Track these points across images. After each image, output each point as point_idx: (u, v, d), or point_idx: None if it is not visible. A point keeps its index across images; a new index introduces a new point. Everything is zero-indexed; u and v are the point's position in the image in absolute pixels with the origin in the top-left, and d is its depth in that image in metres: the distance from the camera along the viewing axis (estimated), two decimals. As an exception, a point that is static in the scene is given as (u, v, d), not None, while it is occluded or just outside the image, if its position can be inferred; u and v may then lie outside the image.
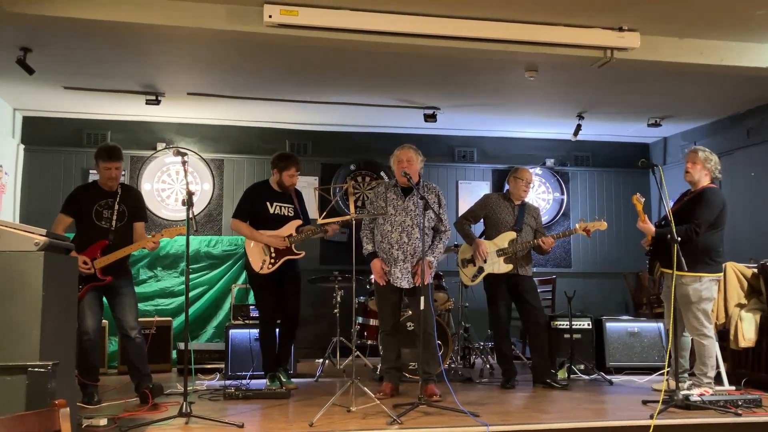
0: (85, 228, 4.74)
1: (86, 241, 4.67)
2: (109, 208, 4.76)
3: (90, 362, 4.68)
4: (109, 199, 4.78)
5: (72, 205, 4.79)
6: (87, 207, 4.74)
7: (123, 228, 4.79)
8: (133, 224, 4.85)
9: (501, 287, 5.47)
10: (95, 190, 4.84)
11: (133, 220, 4.85)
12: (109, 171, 4.72)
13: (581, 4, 4.69)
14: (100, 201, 4.76)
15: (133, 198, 4.93)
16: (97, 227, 4.71)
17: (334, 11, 4.67)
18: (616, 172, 8.65)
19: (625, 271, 8.03)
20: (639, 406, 4.61)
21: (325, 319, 7.26)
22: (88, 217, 4.72)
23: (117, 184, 4.82)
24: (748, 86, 6.27)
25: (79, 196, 4.83)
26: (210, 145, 7.82)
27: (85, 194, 4.83)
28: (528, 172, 5.65)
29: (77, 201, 4.79)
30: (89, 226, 4.72)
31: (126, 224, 4.81)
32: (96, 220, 4.72)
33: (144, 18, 4.60)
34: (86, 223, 4.73)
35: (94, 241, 4.67)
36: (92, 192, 4.83)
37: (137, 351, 4.74)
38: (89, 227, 4.72)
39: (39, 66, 5.47)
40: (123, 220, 4.80)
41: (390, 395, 4.85)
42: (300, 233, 5.22)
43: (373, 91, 6.64)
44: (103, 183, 4.79)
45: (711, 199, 4.82)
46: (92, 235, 4.69)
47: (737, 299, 5.42)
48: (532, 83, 6.01)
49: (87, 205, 4.74)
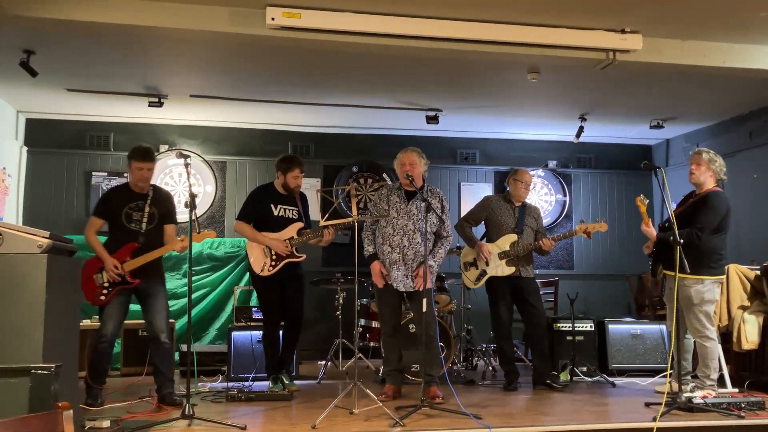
0: (116, 230, 4.72)
1: (116, 243, 4.66)
2: (140, 211, 4.72)
3: (101, 365, 4.68)
4: (140, 201, 4.74)
5: (103, 207, 4.77)
6: (117, 209, 4.70)
7: (153, 230, 4.75)
8: (164, 227, 4.82)
9: (503, 289, 5.47)
10: (126, 191, 4.79)
11: (163, 223, 4.82)
12: (141, 171, 4.69)
13: (583, 7, 4.69)
14: (131, 203, 4.72)
15: (163, 200, 4.88)
16: (127, 230, 4.67)
17: (336, 14, 4.68)
18: (618, 174, 8.64)
19: (627, 273, 8.02)
20: (642, 408, 4.60)
21: (327, 321, 7.27)
22: (118, 219, 4.69)
23: (148, 186, 4.79)
24: (750, 88, 6.26)
25: (110, 198, 4.81)
26: (213, 147, 7.83)
27: (116, 196, 4.79)
28: (528, 174, 5.65)
29: (108, 203, 4.77)
30: (119, 228, 4.69)
31: (156, 226, 4.77)
32: (126, 222, 4.69)
33: (147, 20, 4.61)
34: (116, 225, 4.71)
35: (123, 243, 4.64)
36: (123, 194, 4.79)
37: (165, 355, 4.71)
38: (119, 230, 4.69)
39: (42, 68, 5.49)
40: (153, 222, 4.76)
41: (392, 397, 4.84)
42: (301, 236, 5.22)
43: (376, 93, 6.65)
44: (134, 184, 4.75)
45: (715, 204, 4.81)
46: (122, 237, 4.66)
47: (740, 301, 5.41)
48: (535, 85, 6.01)
49: (117, 207, 4.71)
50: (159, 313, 4.71)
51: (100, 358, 4.65)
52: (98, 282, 4.63)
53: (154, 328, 4.70)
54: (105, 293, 4.62)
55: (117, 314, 4.65)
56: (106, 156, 7.55)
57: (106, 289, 4.62)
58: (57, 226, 6.79)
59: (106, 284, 4.62)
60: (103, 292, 4.62)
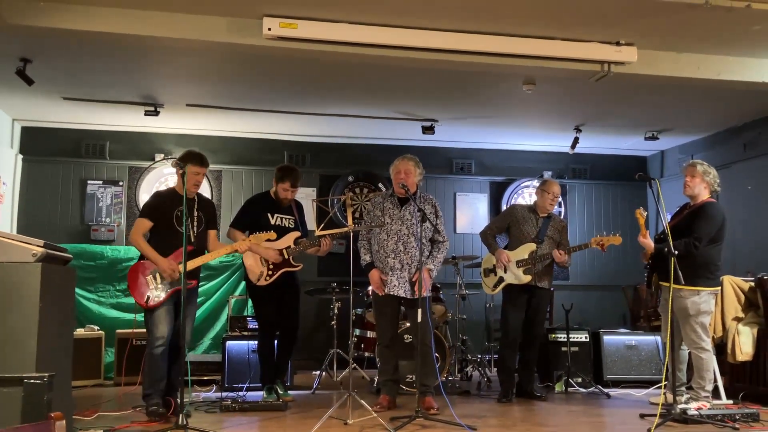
0: (166, 233, 4.68)
1: (167, 246, 4.64)
2: (190, 214, 4.72)
3: (162, 370, 4.59)
4: (189, 205, 4.70)
5: (154, 210, 4.76)
6: (168, 212, 4.70)
7: (202, 234, 4.79)
8: (208, 232, 4.87)
9: (518, 298, 5.48)
10: (175, 195, 4.77)
11: (208, 228, 4.86)
12: (197, 176, 4.73)
13: (579, 19, 4.72)
14: (180, 206, 4.67)
15: (208, 206, 4.97)
16: (179, 233, 4.61)
17: (333, 24, 4.70)
18: (613, 185, 8.67)
19: (623, 283, 8.03)
20: (637, 419, 4.60)
21: (322, 330, 7.25)
22: (169, 222, 4.68)
23: (197, 191, 4.85)
24: (744, 100, 6.30)
25: (160, 201, 4.80)
26: (209, 156, 7.72)
27: (166, 199, 4.78)
28: (556, 185, 5.61)
29: (159, 206, 4.76)
30: (170, 231, 4.66)
31: (204, 231, 4.81)
32: (177, 225, 4.67)
33: (144, 30, 4.62)
34: (167, 228, 4.68)
35: (175, 246, 4.60)
36: (172, 197, 4.78)
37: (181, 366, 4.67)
38: (170, 232, 4.66)
39: (38, 77, 5.49)
40: (201, 226, 4.79)
41: (387, 408, 4.83)
42: (297, 245, 5.22)
43: (372, 103, 6.67)
44: (188, 188, 4.70)
45: (711, 214, 4.84)
46: (173, 240, 4.63)
47: (734, 313, 5.42)
48: (530, 96, 6.04)
49: (168, 209, 4.71)
50: (189, 323, 4.69)
51: (158, 363, 4.57)
52: (152, 284, 4.60)
53: (182, 336, 4.46)
54: (161, 295, 4.57)
55: (169, 317, 4.61)
56: (102, 165, 7.54)
57: (163, 291, 4.58)
58: (52, 234, 6.77)
59: (160, 286, 4.59)
60: (159, 294, 4.57)
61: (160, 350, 4.56)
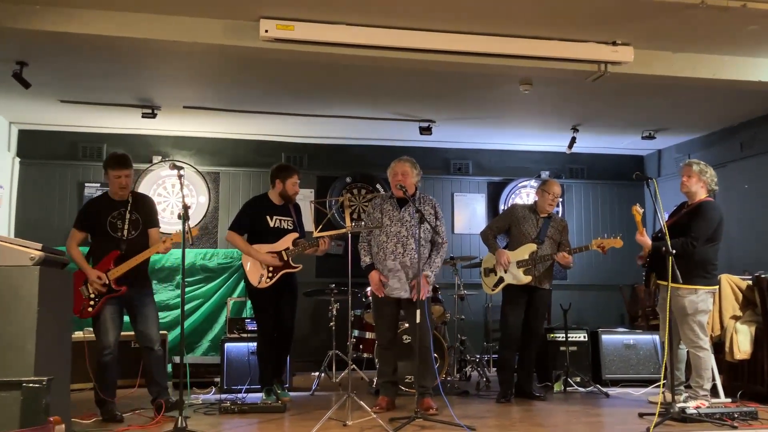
0: (101, 240, 4.69)
1: (100, 253, 4.64)
2: (122, 218, 4.71)
3: (110, 378, 4.64)
4: (121, 209, 4.72)
5: (84, 220, 4.75)
6: (101, 219, 4.68)
7: (137, 237, 4.73)
8: (148, 231, 4.81)
9: (518, 298, 5.47)
10: (107, 201, 4.78)
11: (147, 228, 4.81)
12: (119, 179, 4.68)
13: (575, 19, 4.73)
14: (113, 212, 4.70)
15: (144, 205, 4.87)
16: (112, 238, 4.65)
17: (329, 26, 4.71)
18: (611, 185, 8.68)
19: (620, 283, 8.03)
20: (635, 419, 4.61)
21: (320, 332, 7.25)
22: (102, 229, 4.67)
23: (128, 193, 4.77)
24: (740, 100, 6.31)
25: (90, 209, 4.79)
26: (206, 158, 7.83)
27: (97, 207, 4.77)
28: (556, 186, 5.59)
29: (89, 214, 4.75)
30: (104, 238, 4.67)
31: (140, 232, 4.76)
32: (111, 231, 4.67)
33: (140, 33, 4.62)
34: (101, 235, 4.68)
35: (107, 252, 4.63)
36: (104, 203, 4.77)
37: (158, 363, 4.72)
38: (104, 239, 4.67)
39: (35, 80, 5.48)
40: (138, 228, 4.74)
41: (386, 409, 4.83)
42: (296, 246, 5.22)
43: (369, 104, 6.67)
44: (114, 192, 4.74)
45: (708, 213, 4.84)
46: (106, 247, 4.64)
47: (732, 311, 5.43)
48: (527, 96, 6.04)
49: (101, 217, 4.69)
50: (151, 323, 4.70)
51: (107, 371, 4.62)
52: (84, 294, 4.61)
53: (146, 337, 4.68)
54: (92, 305, 4.60)
55: (113, 324, 4.62)
56: (99, 167, 7.46)
57: (93, 300, 4.60)
58: (49, 238, 6.68)
59: (92, 296, 4.60)
60: (90, 303, 4.60)
61: (108, 359, 4.60)
